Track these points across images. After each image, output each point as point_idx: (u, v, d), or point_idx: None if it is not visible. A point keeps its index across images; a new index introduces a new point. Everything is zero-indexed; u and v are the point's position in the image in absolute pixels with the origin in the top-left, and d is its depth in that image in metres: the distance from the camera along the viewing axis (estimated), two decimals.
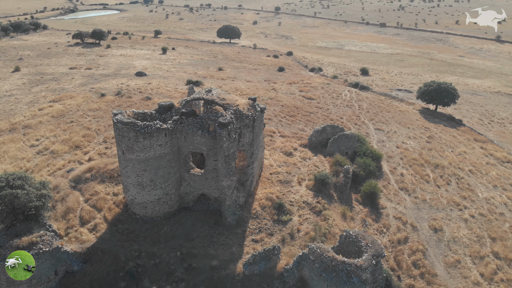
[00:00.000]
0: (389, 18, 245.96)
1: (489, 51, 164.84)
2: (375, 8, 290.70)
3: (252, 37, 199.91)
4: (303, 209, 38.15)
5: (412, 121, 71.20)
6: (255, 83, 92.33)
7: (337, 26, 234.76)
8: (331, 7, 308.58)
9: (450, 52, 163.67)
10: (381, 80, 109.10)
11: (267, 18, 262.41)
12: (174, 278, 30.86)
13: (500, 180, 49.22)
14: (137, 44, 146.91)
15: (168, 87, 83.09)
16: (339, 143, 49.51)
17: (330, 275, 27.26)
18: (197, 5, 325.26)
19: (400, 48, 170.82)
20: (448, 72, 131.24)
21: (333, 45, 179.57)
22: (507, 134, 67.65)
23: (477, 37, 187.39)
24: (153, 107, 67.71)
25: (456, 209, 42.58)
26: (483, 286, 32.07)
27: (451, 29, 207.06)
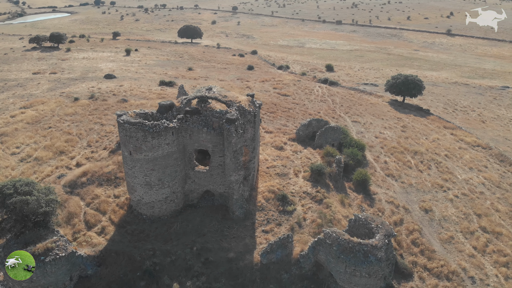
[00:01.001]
0: (344, 15, 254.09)
1: (442, 44, 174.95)
2: (329, 6, 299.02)
3: (213, 37, 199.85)
4: (304, 199, 39.70)
5: (384, 112, 74.92)
6: (228, 82, 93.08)
7: (295, 24, 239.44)
8: (287, 6, 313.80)
9: (405, 46, 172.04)
10: (346, 76, 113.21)
11: (225, 18, 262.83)
12: (193, 273, 31.37)
13: (474, 163, 53.30)
14: (97, 47, 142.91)
15: (141, 88, 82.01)
16: (326, 136, 51.54)
17: (348, 256, 28.94)
18: (151, 6, 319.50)
19: (358, 45, 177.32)
20: (406, 66, 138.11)
21: (294, 43, 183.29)
22: (471, 121, 72.87)
23: (429, 32, 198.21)
24: (131, 108, 66.91)
25: (440, 191, 45.84)
26: (477, 258, 35.07)
27: (404, 25, 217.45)
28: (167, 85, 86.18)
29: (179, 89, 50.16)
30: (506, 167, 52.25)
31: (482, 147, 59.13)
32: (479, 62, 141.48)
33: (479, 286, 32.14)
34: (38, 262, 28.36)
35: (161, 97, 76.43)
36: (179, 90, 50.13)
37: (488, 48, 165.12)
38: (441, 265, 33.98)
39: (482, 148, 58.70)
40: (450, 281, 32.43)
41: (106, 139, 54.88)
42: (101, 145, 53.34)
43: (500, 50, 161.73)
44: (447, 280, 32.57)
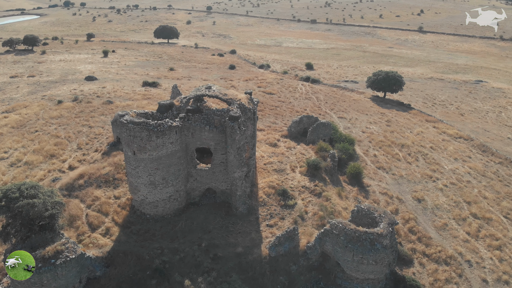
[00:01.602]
0: (318, 14, 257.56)
1: (414, 41, 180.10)
2: (303, 5, 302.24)
3: (189, 37, 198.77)
4: (304, 193, 40.66)
5: (368, 108, 76.95)
6: (212, 81, 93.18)
7: (270, 24, 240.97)
8: (261, 5, 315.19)
9: (379, 44, 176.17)
10: (326, 74, 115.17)
11: (200, 18, 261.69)
12: (203, 269, 31.75)
13: (458, 154, 55.67)
14: (73, 49, 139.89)
15: (124, 89, 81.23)
16: (317, 132, 52.71)
17: (356, 245, 30.02)
18: (123, 7, 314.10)
19: (334, 43, 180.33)
20: (382, 63, 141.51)
21: (271, 42, 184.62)
22: (451, 114, 75.79)
23: (401, 29, 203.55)
24: (117, 110, 66.40)
25: (430, 181, 47.75)
26: (471, 243, 36.92)
27: (377, 23, 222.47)
28: (151, 85, 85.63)
29: (173, 89, 50.21)
30: (489, 157, 54.84)
31: (464, 138, 61.76)
32: (451, 58, 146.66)
33: (476, 269, 33.92)
34: (49, 265, 28.11)
35: (146, 98, 76.02)
36: (172, 90, 50.18)
37: (459, 44, 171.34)
38: (438, 250, 35.62)
39: (464, 140, 61.32)
40: (448, 265, 34.07)
41: (96, 141, 54.34)
42: (92, 147, 52.81)
43: (471, 45, 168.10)
44: (446, 265, 34.21)
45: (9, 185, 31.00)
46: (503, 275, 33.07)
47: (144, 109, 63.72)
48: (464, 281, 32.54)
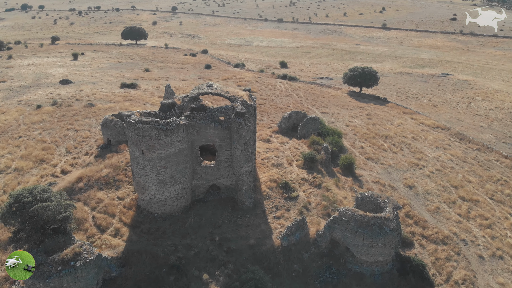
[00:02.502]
0: (284, 14, 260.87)
1: (379, 38, 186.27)
2: (268, 5, 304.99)
3: (157, 38, 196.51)
4: (304, 185, 42.08)
5: (347, 103, 79.55)
6: (191, 81, 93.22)
7: (238, 23, 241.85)
8: (227, 5, 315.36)
9: (346, 41, 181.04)
10: (300, 71, 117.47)
11: (166, 18, 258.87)
12: (219, 262, 32.46)
13: (438, 142, 58.89)
14: (39, 52, 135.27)
15: (103, 92, 79.94)
16: (308, 126, 54.30)
17: (365, 230, 31.68)
18: (84, 8, 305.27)
19: (303, 42, 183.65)
20: (351, 60, 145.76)
21: (241, 42, 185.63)
22: (424, 106, 79.62)
23: (366, 27, 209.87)
24: (99, 112, 65.68)
25: (417, 169, 50.43)
26: (464, 223, 39.58)
27: (342, 21, 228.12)
28: (129, 87, 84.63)
29: (166, 89, 50.33)
30: (466, 144, 58.38)
31: (441, 128, 65.29)
32: (416, 53, 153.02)
33: (471, 247, 36.47)
34: (69, 267, 27.97)
35: (127, 99, 75.25)
36: (166, 90, 50.29)
37: (422, 40, 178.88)
38: (435, 232, 37.96)
39: (441, 129, 64.82)
40: (446, 245, 36.44)
41: (84, 145, 53.60)
42: (81, 151, 52.07)
43: (433, 40, 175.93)
44: (444, 244, 36.57)
45: (18, 189, 30.51)
46: (497, 251, 35.82)
47: (127, 110, 63.56)
48: (463, 258, 35.00)
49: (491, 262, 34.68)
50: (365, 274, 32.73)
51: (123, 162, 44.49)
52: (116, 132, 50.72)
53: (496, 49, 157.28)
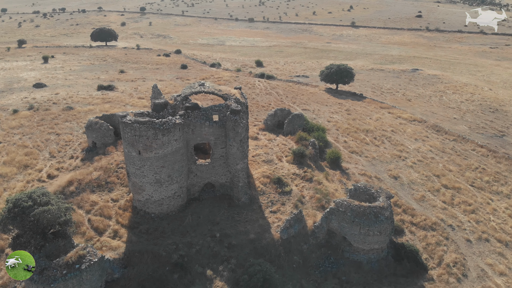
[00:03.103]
0: (254, 13, 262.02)
1: (349, 36, 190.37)
2: (238, 4, 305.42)
3: (127, 39, 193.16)
4: (296, 179, 43.07)
5: (325, 99, 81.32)
6: (169, 82, 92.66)
7: (209, 23, 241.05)
8: (196, 5, 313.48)
9: (318, 40, 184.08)
10: (276, 70, 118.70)
11: (135, 19, 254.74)
12: (221, 258, 32.94)
13: (417, 135, 61.34)
14: (6, 56, 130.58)
15: (80, 95, 78.43)
16: (293, 123, 55.41)
17: (362, 219, 32.96)
18: (49, 11, 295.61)
19: (275, 41, 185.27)
20: (324, 58, 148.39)
21: (214, 41, 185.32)
22: (399, 100, 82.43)
23: (336, 25, 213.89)
24: (79, 115, 64.67)
25: (400, 160, 52.46)
26: (449, 210, 41.64)
27: (312, 20, 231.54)
28: (107, 89, 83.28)
29: (153, 89, 49.75)
30: (443, 136, 61.08)
31: (418, 121, 67.93)
32: (386, 50, 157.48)
33: (458, 232, 38.48)
34: (74, 270, 27.70)
35: (107, 101, 74.19)
36: (153, 90, 49.63)
37: (390, 37, 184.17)
38: (423, 219, 39.78)
39: (418, 122, 67.46)
40: (435, 231, 38.30)
41: (68, 148, 52.69)
42: (66, 154, 51.19)
43: (401, 37, 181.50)
44: (432, 230, 38.41)
45: (16, 194, 29.88)
46: (483, 234, 37.98)
47: (108, 112, 62.68)
48: (451, 242, 36.91)
49: (478, 245, 36.77)
50: (363, 262, 34.03)
51: (113, 164, 44.14)
52: (102, 134, 50.16)
53: (461, 44, 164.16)
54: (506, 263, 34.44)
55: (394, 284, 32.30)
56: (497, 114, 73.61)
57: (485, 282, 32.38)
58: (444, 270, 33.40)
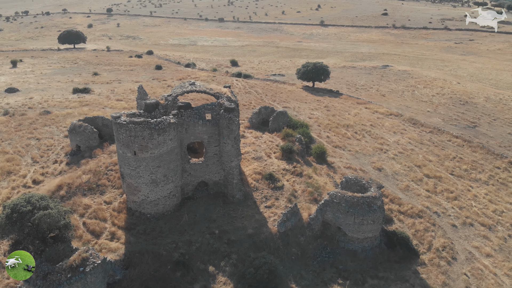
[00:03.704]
0: (224, 13, 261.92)
1: (319, 34, 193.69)
2: (206, 4, 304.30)
3: (95, 41, 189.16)
4: (286, 175, 44.03)
5: (304, 97, 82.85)
6: (146, 83, 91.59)
7: (178, 23, 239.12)
8: (164, 5, 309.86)
9: (289, 39, 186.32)
10: (252, 69, 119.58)
11: (102, 20, 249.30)
12: (222, 254, 33.44)
13: (395, 128, 63.68)
14: None
15: (56, 98, 76.61)
16: (278, 120, 56.40)
17: (356, 209, 34.27)
18: (10, 14, 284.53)
19: (247, 40, 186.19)
20: (296, 56, 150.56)
21: (185, 42, 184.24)
22: (374, 96, 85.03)
23: (305, 24, 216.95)
24: (58, 119, 63.32)
25: (381, 153, 54.41)
26: (433, 198, 43.71)
27: (281, 19, 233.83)
28: (83, 92, 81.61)
29: (139, 89, 49.79)
30: (420, 128, 63.70)
31: (394, 115, 70.44)
32: (355, 47, 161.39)
33: (444, 218, 40.51)
34: (78, 273, 27.53)
35: (84, 104, 72.84)
36: (138, 90, 49.76)
37: (359, 35, 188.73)
38: (410, 207, 41.61)
39: (394, 116, 69.96)
40: (422, 218, 40.17)
41: (51, 153, 51.67)
42: (49, 159, 50.19)
43: (369, 35, 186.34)
44: (419, 218, 40.27)
45: (14, 199, 29.30)
46: (467, 219, 40.16)
47: (87, 115, 61.71)
48: (438, 228, 38.85)
49: (463, 229, 38.90)
50: (358, 251, 35.36)
51: (102, 167, 43.68)
52: (86, 137, 49.57)
53: (427, 40, 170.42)
54: (491, 245, 36.67)
55: (389, 270, 33.78)
56: (467, 106, 77.27)
57: (473, 263, 34.41)
58: (435, 254, 35.23)
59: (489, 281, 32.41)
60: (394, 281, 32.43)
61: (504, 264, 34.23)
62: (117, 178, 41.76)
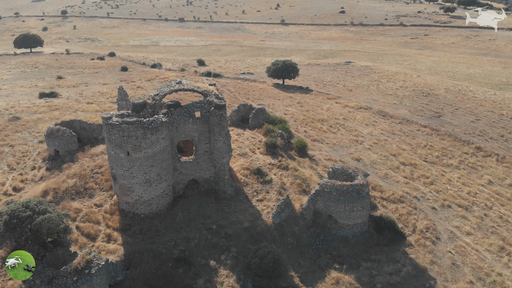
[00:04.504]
0: (183, 13, 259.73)
1: (281, 33, 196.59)
2: (165, 4, 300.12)
3: (52, 44, 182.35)
4: (273, 169, 45.24)
5: (276, 94, 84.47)
6: (113, 85, 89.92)
7: (138, 24, 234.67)
8: (121, 6, 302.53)
9: (252, 38, 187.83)
10: (220, 68, 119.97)
11: (57, 23, 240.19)
12: (221, 248, 34.14)
13: (366, 120, 66.51)
14: None
15: (23, 104, 73.94)
16: (258, 117, 57.51)
17: (346, 197, 36.03)
18: None
19: (210, 40, 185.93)
20: (261, 55, 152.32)
21: (147, 42, 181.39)
22: (341, 91, 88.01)
23: (266, 23, 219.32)
24: (29, 125, 61.50)
25: (357, 144, 56.82)
26: (411, 184, 46.39)
27: (242, 19, 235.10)
28: (50, 96, 79.13)
29: (119, 90, 49.28)
30: (390, 120, 66.90)
31: (364, 108, 73.44)
32: (317, 45, 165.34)
33: (423, 201, 43.18)
34: (84, 276, 27.37)
35: (54, 109, 70.80)
36: (119, 92, 49.24)
37: (319, 33, 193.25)
38: (391, 194, 43.99)
39: (364, 109, 72.95)
40: (403, 203, 42.62)
41: (27, 159, 50.27)
42: (26, 166, 48.83)
43: (329, 33, 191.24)
44: (401, 203, 42.70)
45: (11, 205, 28.58)
46: (444, 202, 43.01)
47: (58, 120, 60.20)
48: (420, 211, 41.41)
49: (443, 211, 41.66)
50: (349, 237, 37.13)
51: (87, 170, 42.99)
52: (65, 141, 48.61)
53: (385, 36, 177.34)
54: (470, 224, 39.58)
55: (379, 252, 35.77)
56: (430, 98, 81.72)
57: (456, 241, 37.06)
58: (420, 235, 37.63)
59: (472, 257, 35.12)
60: (386, 263, 34.43)
61: (484, 241, 37.16)
62: (104, 180, 41.33)
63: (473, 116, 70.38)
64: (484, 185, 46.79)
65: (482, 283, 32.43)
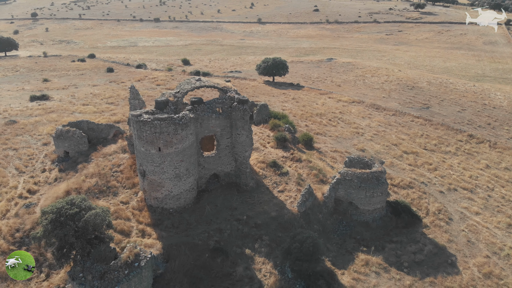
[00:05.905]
0: (158, 13, 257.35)
1: (259, 32, 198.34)
2: (138, 5, 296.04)
3: (26, 47, 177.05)
4: (287, 162, 46.86)
5: (269, 91, 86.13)
6: (104, 86, 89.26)
7: (112, 25, 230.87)
8: (92, 7, 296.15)
9: (231, 37, 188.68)
10: (206, 67, 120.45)
11: (28, 26, 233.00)
12: (253, 237, 35.46)
13: (361, 114, 69.18)
14: None
15: (15, 107, 72.41)
16: (262, 113, 59.05)
17: (367, 184, 38.08)
18: None
19: (189, 39, 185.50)
20: (244, 54, 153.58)
21: (125, 43, 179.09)
22: (331, 87, 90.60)
23: (243, 22, 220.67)
24: (28, 128, 60.72)
25: (359, 136, 59.25)
26: (416, 170, 49.06)
27: (218, 18, 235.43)
28: (41, 99, 77.84)
29: (131, 90, 49.25)
30: (384, 112, 69.84)
31: (357, 102, 76.19)
32: (297, 43, 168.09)
33: (431, 186, 45.86)
34: (135, 269, 28.17)
35: (50, 111, 69.92)
36: (131, 90, 49.21)
37: (297, 31, 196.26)
38: (400, 180, 46.48)
39: (357, 103, 75.70)
40: (413, 188, 45.17)
41: (35, 162, 49.94)
42: (35, 168, 48.53)
43: (306, 31, 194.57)
44: (411, 188, 45.24)
45: (54, 204, 28.83)
46: (450, 186, 45.88)
47: (59, 122, 59.72)
48: (429, 195, 44.03)
49: (450, 194, 44.47)
50: (369, 221, 39.22)
51: (106, 169, 43.31)
52: (75, 142, 48.62)
53: (360, 33, 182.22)
54: (477, 204, 42.50)
55: (400, 235, 38.01)
56: (415, 91, 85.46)
57: (467, 221, 39.80)
58: (434, 217, 40.17)
59: (484, 234, 37.91)
60: (408, 243, 36.70)
61: (493, 219, 40.08)
62: (125, 178, 41.83)
63: (459, 107, 74.35)
64: (482, 169, 50.10)
65: (497, 256, 35.19)
